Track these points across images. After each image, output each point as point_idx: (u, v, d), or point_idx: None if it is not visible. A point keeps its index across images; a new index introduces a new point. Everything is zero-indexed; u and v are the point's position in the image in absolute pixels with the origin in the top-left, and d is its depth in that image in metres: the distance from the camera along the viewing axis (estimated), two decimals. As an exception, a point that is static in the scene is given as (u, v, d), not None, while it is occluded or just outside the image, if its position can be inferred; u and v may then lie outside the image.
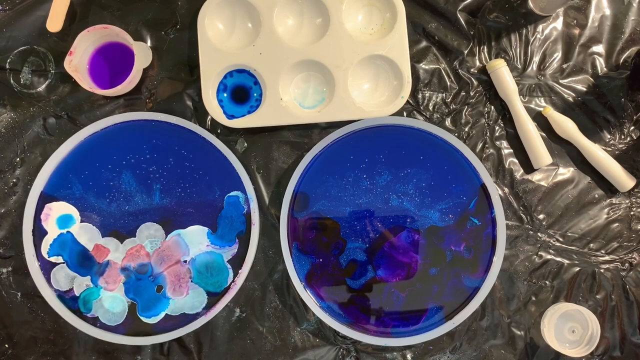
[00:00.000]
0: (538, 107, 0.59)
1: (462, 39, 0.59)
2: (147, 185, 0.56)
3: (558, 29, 0.59)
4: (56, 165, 0.56)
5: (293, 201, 0.56)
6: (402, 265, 0.56)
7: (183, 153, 0.56)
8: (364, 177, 0.57)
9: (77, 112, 0.57)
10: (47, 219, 0.56)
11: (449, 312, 0.56)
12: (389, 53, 0.56)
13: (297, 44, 0.57)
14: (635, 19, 0.60)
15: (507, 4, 0.59)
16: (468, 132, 0.58)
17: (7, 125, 0.57)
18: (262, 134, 0.58)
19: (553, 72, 0.59)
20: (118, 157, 0.56)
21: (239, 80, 0.57)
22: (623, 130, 0.59)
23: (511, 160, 0.58)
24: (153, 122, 0.56)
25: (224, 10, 0.57)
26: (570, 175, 0.59)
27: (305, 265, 0.56)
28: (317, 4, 0.57)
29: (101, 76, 0.56)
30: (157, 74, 0.58)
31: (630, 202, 0.59)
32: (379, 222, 0.57)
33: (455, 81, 0.59)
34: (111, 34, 0.55)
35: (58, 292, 0.56)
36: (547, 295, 0.58)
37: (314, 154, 0.56)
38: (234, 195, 0.56)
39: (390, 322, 0.56)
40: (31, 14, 0.57)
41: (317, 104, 0.58)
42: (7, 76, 0.57)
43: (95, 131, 0.56)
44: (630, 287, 0.58)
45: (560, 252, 0.58)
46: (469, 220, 0.57)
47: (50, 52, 0.57)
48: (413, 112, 0.59)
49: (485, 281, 0.56)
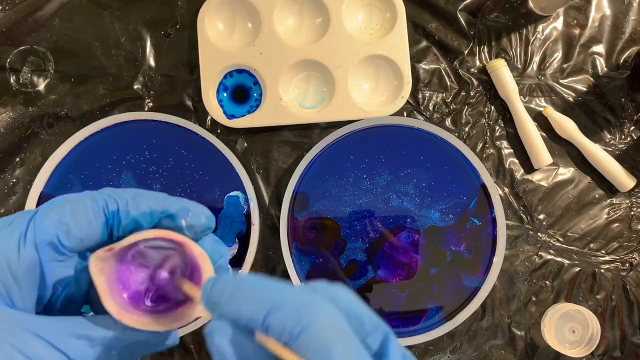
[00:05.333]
0: (538, 107, 0.59)
1: (462, 39, 0.59)
2: (147, 185, 0.56)
3: (558, 28, 0.59)
4: (56, 165, 0.56)
5: (293, 201, 0.56)
6: (402, 265, 0.56)
7: (183, 153, 0.56)
8: (364, 177, 0.57)
9: (76, 112, 0.57)
10: (47, 219, 0.56)
11: (449, 312, 0.56)
12: (389, 53, 0.56)
13: (297, 44, 0.57)
14: (635, 19, 0.60)
15: (507, 4, 0.59)
16: (468, 132, 0.58)
17: (7, 125, 0.57)
18: (262, 134, 0.58)
19: (553, 72, 0.59)
20: (118, 157, 0.56)
21: (239, 80, 0.57)
22: (623, 130, 0.59)
23: (511, 160, 0.58)
24: (153, 122, 0.56)
25: (224, 10, 0.57)
26: (570, 175, 0.59)
27: (305, 265, 0.56)
28: (317, 4, 0.56)
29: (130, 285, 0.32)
30: (157, 73, 0.58)
31: (630, 202, 0.59)
32: (379, 222, 0.56)
33: (456, 81, 0.59)
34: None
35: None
36: (547, 296, 0.57)
37: (314, 154, 0.56)
38: (233, 195, 0.56)
39: (390, 322, 0.56)
40: (31, 14, 0.57)
41: (317, 104, 0.58)
42: (7, 76, 0.57)
43: (95, 131, 0.56)
44: (630, 287, 0.58)
45: (561, 252, 0.58)
46: (469, 220, 0.57)
47: (50, 52, 0.57)
48: (413, 112, 0.59)
49: (486, 281, 0.55)
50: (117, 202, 0.26)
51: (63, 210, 0.25)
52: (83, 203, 0.25)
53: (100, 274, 0.25)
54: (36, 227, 0.24)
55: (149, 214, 0.26)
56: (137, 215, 0.26)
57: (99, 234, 0.25)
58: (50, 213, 0.25)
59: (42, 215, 0.25)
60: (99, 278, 0.25)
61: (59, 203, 0.25)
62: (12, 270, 0.23)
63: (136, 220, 0.26)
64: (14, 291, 0.24)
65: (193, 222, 0.26)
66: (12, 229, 0.24)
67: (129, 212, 0.26)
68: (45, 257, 0.24)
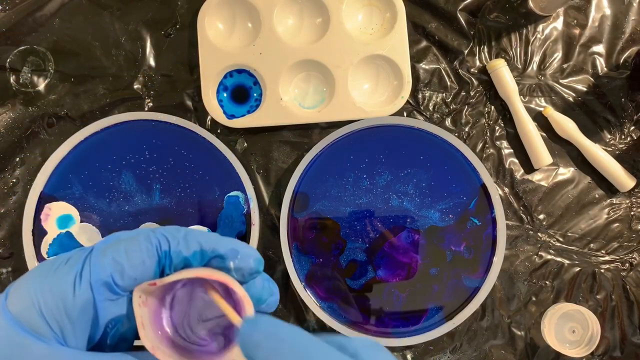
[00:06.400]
0: (538, 107, 0.59)
1: (462, 39, 0.59)
2: (147, 185, 0.56)
3: (558, 28, 0.59)
4: (56, 165, 0.56)
5: (293, 201, 0.56)
6: (402, 265, 0.56)
7: (183, 153, 0.56)
8: (364, 177, 0.57)
9: (76, 112, 0.57)
10: (46, 219, 0.56)
11: (449, 312, 0.56)
12: (389, 53, 0.56)
13: (297, 44, 0.57)
14: (635, 19, 0.60)
15: (507, 4, 0.59)
16: (468, 132, 0.58)
17: (7, 125, 0.57)
18: (262, 134, 0.58)
19: (553, 72, 0.59)
20: (118, 157, 0.56)
21: (238, 80, 0.57)
22: (623, 130, 0.59)
23: (511, 160, 0.58)
24: (153, 122, 0.56)
25: (224, 10, 0.57)
26: (570, 175, 0.59)
27: (305, 265, 0.56)
28: (317, 4, 0.56)
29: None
30: (157, 73, 0.58)
31: (630, 202, 0.59)
32: (379, 222, 0.56)
33: (456, 81, 0.59)
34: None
35: (58, 292, 0.56)
36: (547, 296, 0.57)
37: (314, 154, 0.56)
38: (233, 195, 0.56)
39: (390, 322, 0.56)
40: (31, 14, 0.57)
41: (317, 104, 0.58)
42: (7, 76, 0.57)
43: (95, 131, 0.56)
44: (630, 287, 0.58)
45: (561, 252, 0.58)
46: (469, 220, 0.56)
47: (50, 52, 0.57)
48: (413, 112, 0.59)
49: (486, 281, 0.55)
50: (169, 242, 0.26)
51: (118, 249, 0.25)
52: (137, 242, 0.25)
53: (141, 306, 0.25)
54: (92, 266, 0.24)
55: (200, 253, 0.26)
56: (188, 255, 0.26)
57: (152, 273, 0.26)
58: (105, 252, 0.25)
59: (97, 253, 0.25)
60: (139, 310, 0.25)
61: (114, 242, 0.25)
62: (67, 310, 0.24)
63: (187, 259, 0.26)
64: (67, 330, 0.24)
65: (241, 264, 0.26)
66: (69, 268, 0.24)
67: (180, 251, 0.26)
68: (99, 297, 0.24)
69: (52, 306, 0.24)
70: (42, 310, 0.23)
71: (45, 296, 0.24)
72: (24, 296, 0.24)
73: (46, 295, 0.24)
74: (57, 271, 0.24)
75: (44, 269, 0.25)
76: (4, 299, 0.24)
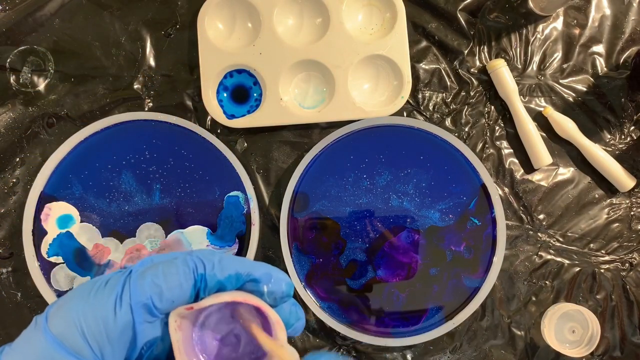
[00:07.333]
0: (538, 107, 0.59)
1: (462, 39, 0.59)
2: (147, 185, 0.56)
3: (558, 29, 0.59)
4: (56, 165, 0.56)
5: (293, 201, 0.56)
6: (402, 265, 0.56)
7: (183, 153, 0.56)
8: (364, 177, 0.57)
9: (76, 112, 0.57)
10: (46, 219, 0.56)
11: (449, 312, 0.56)
12: (389, 53, 0.56)
13: (297, 44, 0.57)
14: (635, 19, 0.60)
15: (507, 4, 0.59)
16: (468, 132, 0.58)
17: (7, 125, 0.57)
18: (262, 134, 0.58)
19: (553, 72, 0.59)
20: (118, 157, 0.56)
21: (238, 80, 0.57)
22: (623, 130, 0.59)
23: (511, 160, 0.58)
24: (153, 122, 0.56)
25: (224, 10, 0.57)
26: (570, 175, 0.59)
27: (305, 265, 0.56)
28: (317, 4, 0.56)
29: None
30: (157, 73, 0.58)
31: (630, 202, 0.59)
32: (379, 222, 0.56)
33: (455, 81, 0.59)
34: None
35: (58, 292, 0.56)
36: (547, 296, 0.57)
37: (314, 154, 0.56)
38: (234, 195, 0.56)
39: (390, 322, 0.56)
40: (31, 14, 0.57)
41: (317, 104, 0.58)
42: (7, 76, 0.57)
43: (95, 131, 0.56)
44: (630, 287, 0.58)
45: (561, 252, 0.58)
46: (469, 220, 0.57)
47: (50, 52, 0.57)
48: (413, 112, 0.59)
49: (486, 281, 0.55)
50: (204, 265, 0.26)
51: (156, 272, 0.25)
52: (175, 265, 0.26)
53: (177, 330, 0.26)
54: (132, 289, 0.25)
55: (235, 277, 0.27)
56: (222, 279, 0.27)
57: (188, 295, 0.26)
58: (144, 275, 0.25)
59: (136, 276, 0.25)
60: (176, 335, 0.26)
61: (151, 265, 0.26)
62: (108, 332, 0.24)
63: (221, 282, 0.27)
64: (107, 351, 0.24)
65: (274, 288, 0.27)
66: (109, 290, 0.25)
67: (215, 274, 0.26)
68: (138, 319, 0.25)
69: (94, 328, 0.24)
70: (85, 332, 0.24)
71: (87, 318, 0.24)
72: (65, 318, 0.24)
73: (88, 317, 0.24)
74: (98, 293, 0.25)
75: (83, 291, 0.25)
76: (44, 320, 0.24)
